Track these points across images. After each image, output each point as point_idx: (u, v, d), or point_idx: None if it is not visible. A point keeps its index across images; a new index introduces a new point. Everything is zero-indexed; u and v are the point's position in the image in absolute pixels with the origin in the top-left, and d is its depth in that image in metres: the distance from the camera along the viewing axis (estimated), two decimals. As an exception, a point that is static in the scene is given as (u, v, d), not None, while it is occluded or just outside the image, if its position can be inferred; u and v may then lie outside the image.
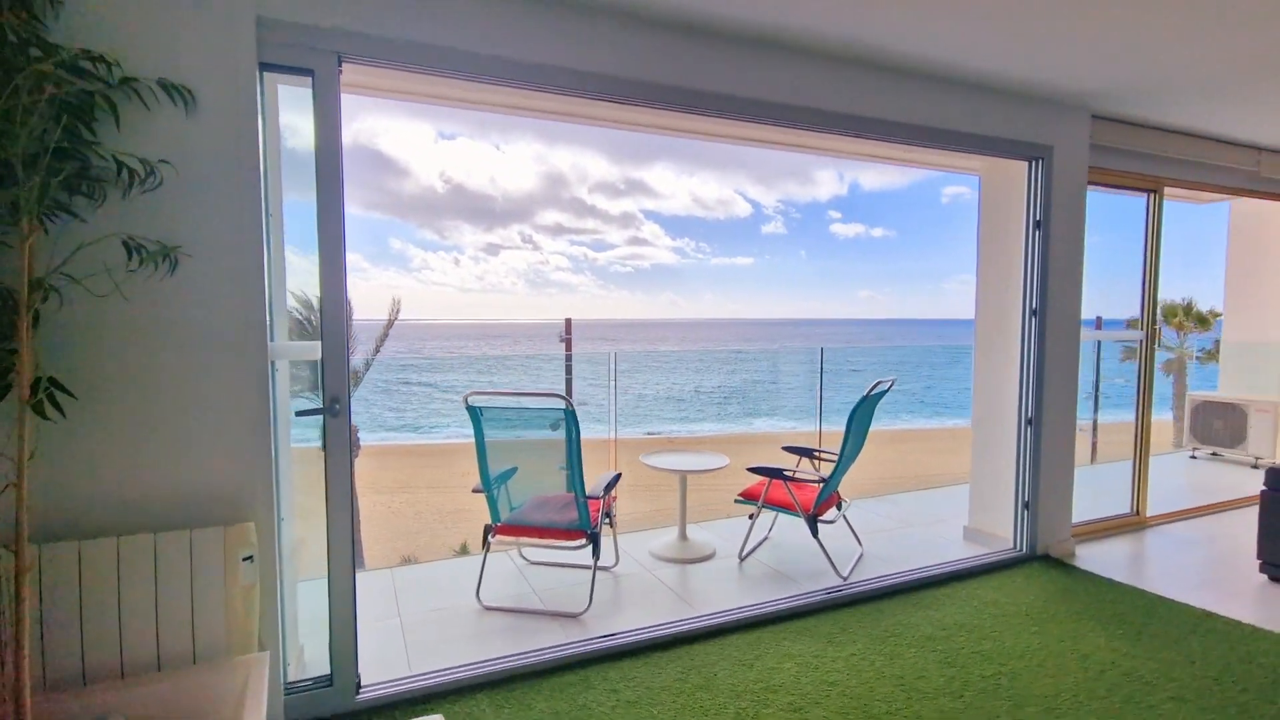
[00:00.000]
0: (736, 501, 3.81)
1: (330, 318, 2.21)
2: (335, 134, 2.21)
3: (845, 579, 3.46)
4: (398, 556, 8.41)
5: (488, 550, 3.24)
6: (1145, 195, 4.28)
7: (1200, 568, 3.71)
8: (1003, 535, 3.91)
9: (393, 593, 3.34)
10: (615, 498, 3.55)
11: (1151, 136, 4.10)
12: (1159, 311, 4.43)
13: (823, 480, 3.56)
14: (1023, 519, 3.80)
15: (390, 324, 8.69)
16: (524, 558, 3.74)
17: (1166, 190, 4.35)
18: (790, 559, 3.77)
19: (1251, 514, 4.73)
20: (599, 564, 3.32)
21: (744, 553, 3.80)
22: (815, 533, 3.49)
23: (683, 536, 3.91)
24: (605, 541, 3.55)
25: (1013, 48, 2.94)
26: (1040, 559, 3.78)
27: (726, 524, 4.47)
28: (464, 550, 8.93)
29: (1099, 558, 3.85)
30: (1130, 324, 4.49)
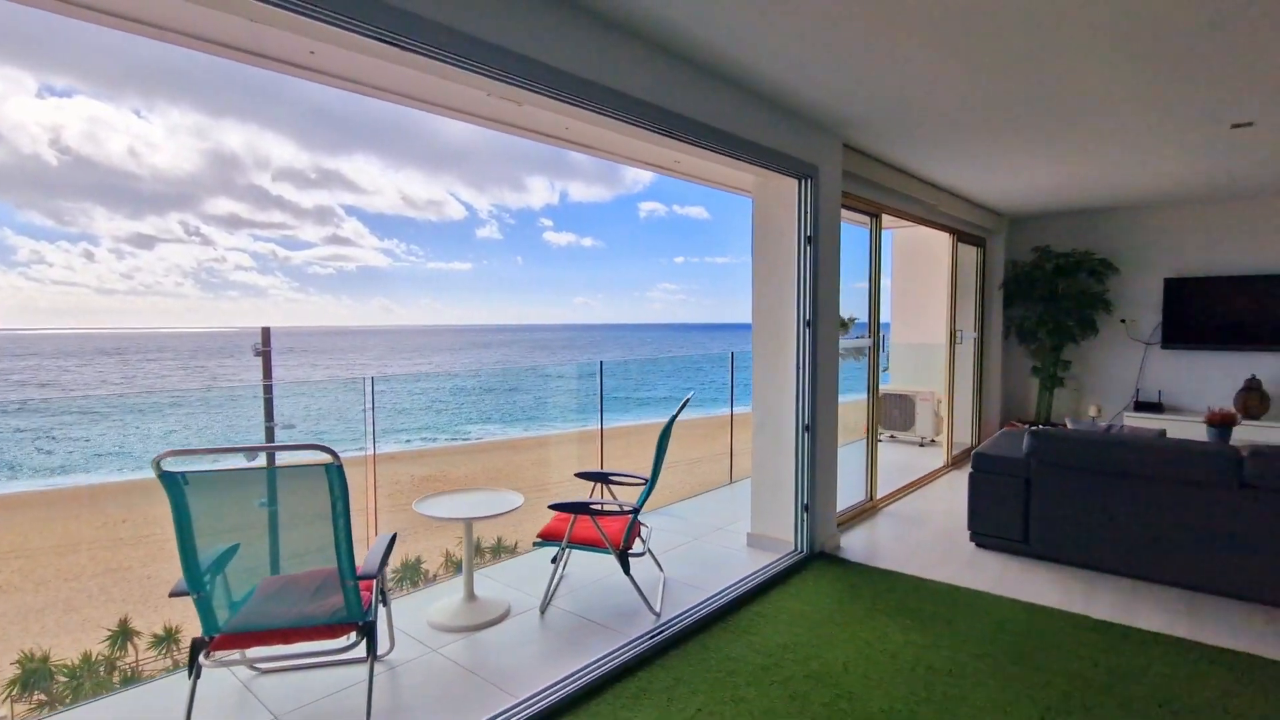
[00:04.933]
0: (536, 544, 3.29)
1: None
2: None
3: (659, 614, 3.19)
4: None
5: (197, 678, 2.21)
6: (870, 219, 4.87)
7: (931, 543, 4.28)
8: (784, 539, 4.05)
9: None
10: (387, 565, 2.75)
11: (878, 169, 4.66)
12: (881, 320, 5.05)
13: (632, 510, 3.23)
14: (803, 521, 3.97)
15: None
16: (252, 667, 2.70)
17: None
18: (595, 600, 3.37)
19: (940, 487, 5.74)
20: (372, 658, 2.49)
21: (546, 603, 3.29)
22: (627, 569, 3.15)
23: (470, 596, 3.25)
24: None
25: (808, 58, 2.96)
26: (819, 557, 3.99)
27: (514, 565, 3.89)
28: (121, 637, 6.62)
29: (858, 546, 4.22)
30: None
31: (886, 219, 5.32)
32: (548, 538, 3.25)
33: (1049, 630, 3.06)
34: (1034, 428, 4.06)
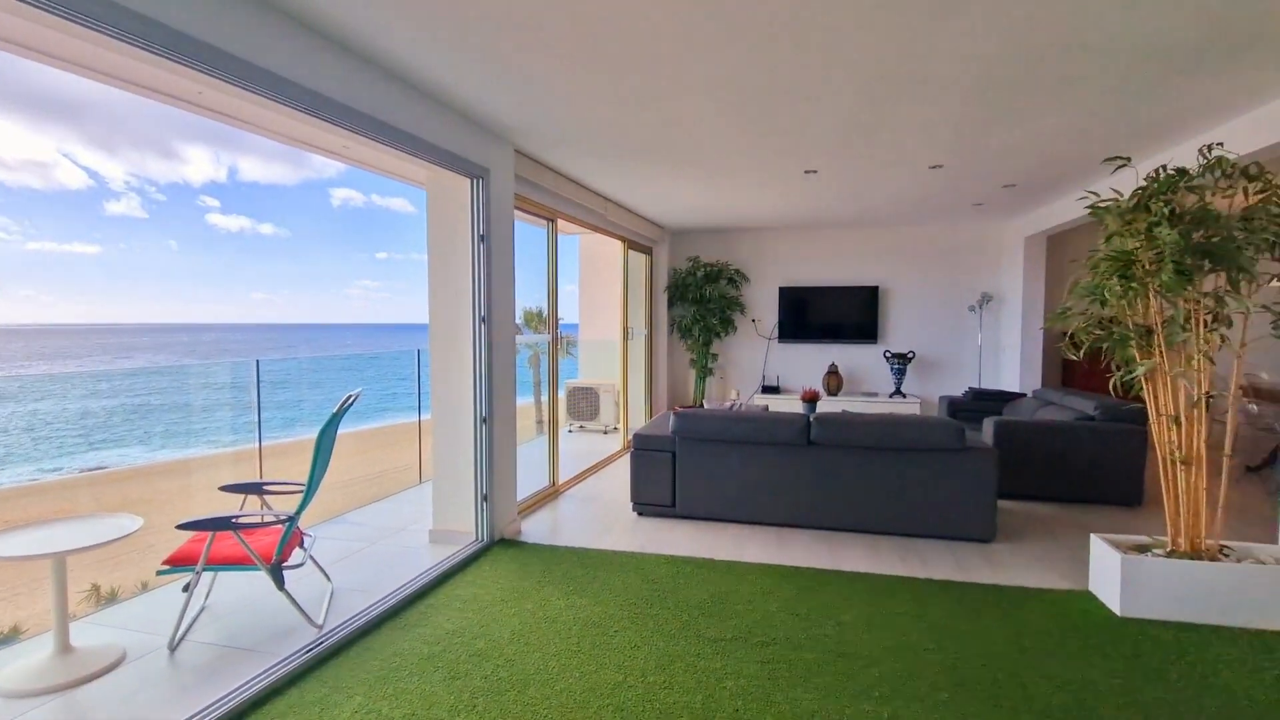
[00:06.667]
0: (160, 573, 2.84)
1: None
2: None
3: (321, 626, 3.01)
4: None
5: None
6: (547, 223, 5.22)
7: (601, 518, 4.78)
8: (465, 531, 4.13)
9: None
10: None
11: (551, 177, 5.02)
12: (549, 315, 5.44)
13: (286, 518, 2.99)
14: (482, 511, 4.10)
15: None
16: None
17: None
18: (244, 625, 3.04)
19: (616, 468, 6.40)
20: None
21: (176, 639, 2.85)
22: (281, 584, 2.91)
23: (64, 648, 2.66)
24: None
25: (461, 66, 3.09)
26: (499, 543, 4.17)
27: (138, 604, 3.28)
28: None
29: (538, 529, 4.51)
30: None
31: (566, 224, 5.76)
32: (178, 563, 2.83)
33: (682, 574, 3.67)
34: (678, 409, 4.80)
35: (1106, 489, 4.94)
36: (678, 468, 4.64)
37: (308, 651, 2.74)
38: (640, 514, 4.82)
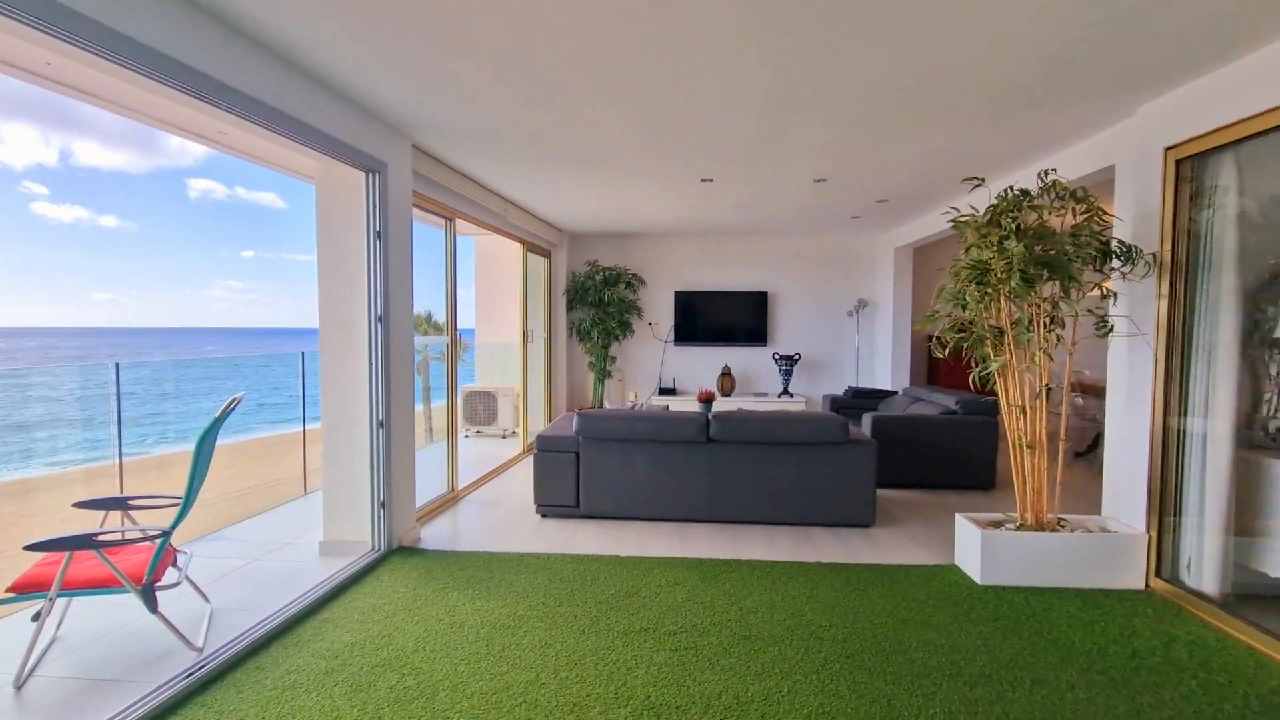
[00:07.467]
0: (3, 602, 2.50)
1: None
2: None
3: (201, 649, 2.77)
4: None
5: None
6: (445, 222, 5.09)
7: (504, 521, 4.71)
8: (361, 540, 3.94)
9: None
10: None
11: (451, 176, 4.90)
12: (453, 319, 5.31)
13: (158, 534, 2.73)
14: (379, 518, 3.93)
15: None
16: None
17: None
18: (109, 654, 2.74)
19: (517, 472, 6.32)
20: None
21: (24, 674, 2.52)
22: (154, 607, 2.65)
23: (-123, 696, 2.28)
24: None
25: (359, 55, 2.98)
26: (398, 551, 4.01)
27: (-34, 644, 2.86)
28: None
29: (439, 535, 4.38)
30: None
31: (464, 225, 5.64)
32: (26, 590, 2.51)
33: (589, 572, 3.71)
34: (581, 410, 4.83)
35: (967, 475, 5.50)
36: (581, 468, 4.67)
37: (188, 676, 2.52)
38: (544, 516, 4.80)
